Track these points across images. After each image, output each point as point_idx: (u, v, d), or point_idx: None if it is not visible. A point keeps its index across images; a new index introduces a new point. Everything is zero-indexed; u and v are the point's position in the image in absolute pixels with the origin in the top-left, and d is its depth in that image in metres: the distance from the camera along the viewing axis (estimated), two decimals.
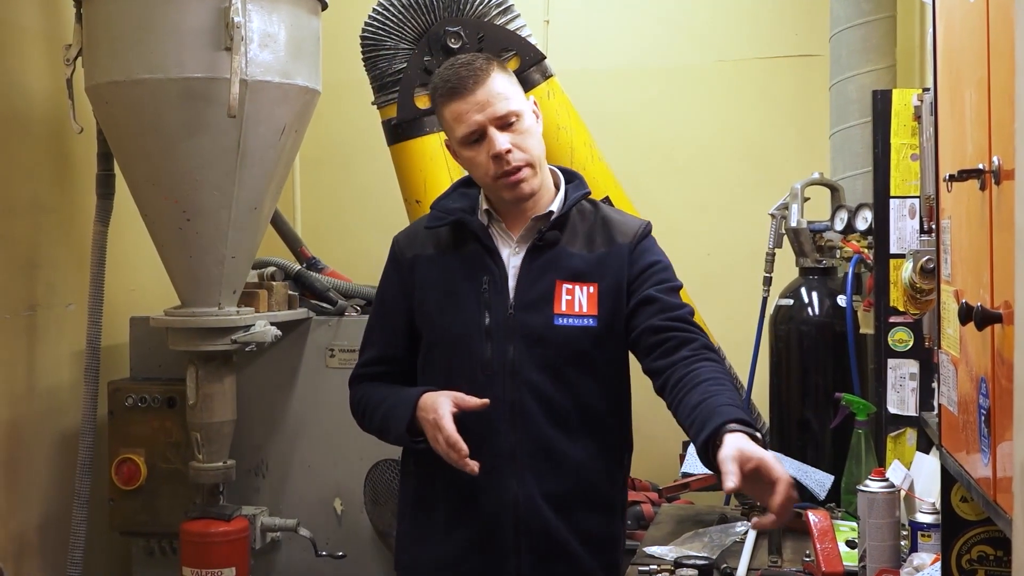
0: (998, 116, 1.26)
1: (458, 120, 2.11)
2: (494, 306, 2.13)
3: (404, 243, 2.27)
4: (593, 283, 2.15)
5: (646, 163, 4.29)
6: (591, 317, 2.13)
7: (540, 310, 2.12)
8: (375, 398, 2.24)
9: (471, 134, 2.10)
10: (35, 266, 3.42)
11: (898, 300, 2.60)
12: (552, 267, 2.15)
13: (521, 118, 2.12)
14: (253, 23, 2.99)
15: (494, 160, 2.08)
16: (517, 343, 2.12)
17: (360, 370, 2.31)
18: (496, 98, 2.09)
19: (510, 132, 2.10)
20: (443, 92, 2.12)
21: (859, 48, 3.49)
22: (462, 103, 2.09)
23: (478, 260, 2.16)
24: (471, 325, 2.13)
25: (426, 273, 2.20)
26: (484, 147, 2.09)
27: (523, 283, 2.14)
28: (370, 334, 2.32)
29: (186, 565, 3.18)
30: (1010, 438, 1.14)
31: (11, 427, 3.28)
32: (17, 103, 3.35)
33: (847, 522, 2.64)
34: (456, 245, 2.20)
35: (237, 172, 3.06)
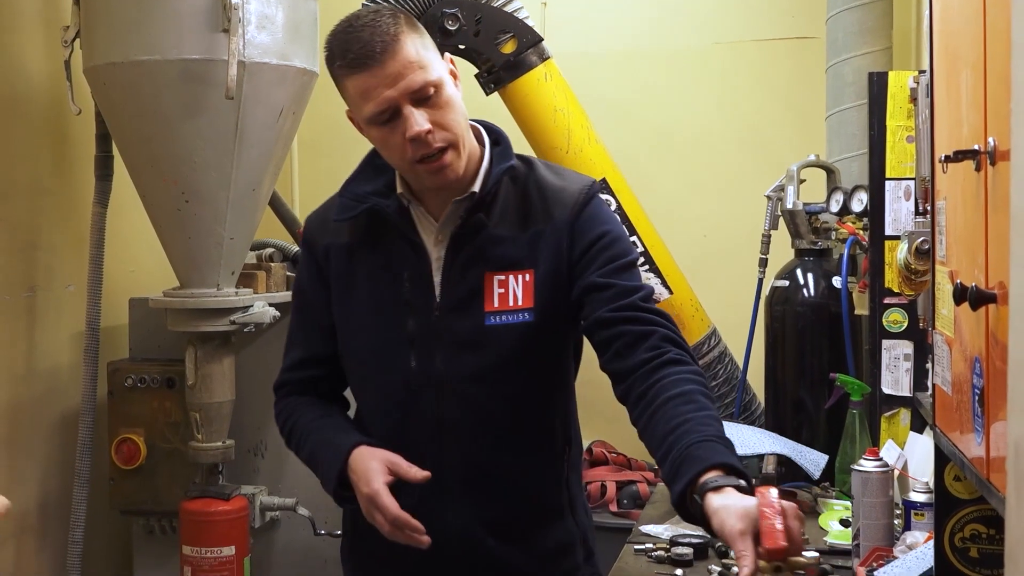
0: (994, 97, 1.26)
1: (365, 96, 1.74)
2: (417, 308, 1.84)
3: (316, 228, 1.95)
4: (528, 270, 1.83)
5: (643, 145, 4.29)
6: (526, 311, 1.82)
7: (469, 310, 1.82)
8: (302, 423, 1.94)
9: (381, 113, 1.74)
10: (34, 248, 3.42)
11: (893, 281, 2.60)
12: (480, 257, 1.83)
13: (441, 89, 1.76)
14: (251, 5, 2.97)
15: (411, 143, 1.73)
16: (444, 350, 1.83)
17: (285, 376, 2.00)
18: (410, 68, 1.72)
19: (428, 108, 1.74)
20: (344, 63, 1.74)
21: (855, 30, 3.48)
22: (369, 76, 1.72)
23: (397, 252, 1.85)
24: (392, 331, 1.84)
25: (339, 267, 1.89)
26: (399, 127, 1.74)
27: (448, 278, 1.83)
28: (293, 333, 2.00)
29: (186, 544, 3.19)
30: (1004, 418, 1.14)
31: (11, 408, 3.28)
32: (15, 85, 3.34)
33: (841, 501, 2.65)
34: (372, 234, 1.87)
35: (235, 154, 3.05)
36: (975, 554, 1.68)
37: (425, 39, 1.79)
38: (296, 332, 2.00)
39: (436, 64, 1.78)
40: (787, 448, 2.78)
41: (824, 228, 3.13)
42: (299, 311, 2.00)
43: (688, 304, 3.63)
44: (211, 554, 3.16)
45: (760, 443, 2.78)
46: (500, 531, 1.87)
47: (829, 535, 2.45)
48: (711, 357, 3.63)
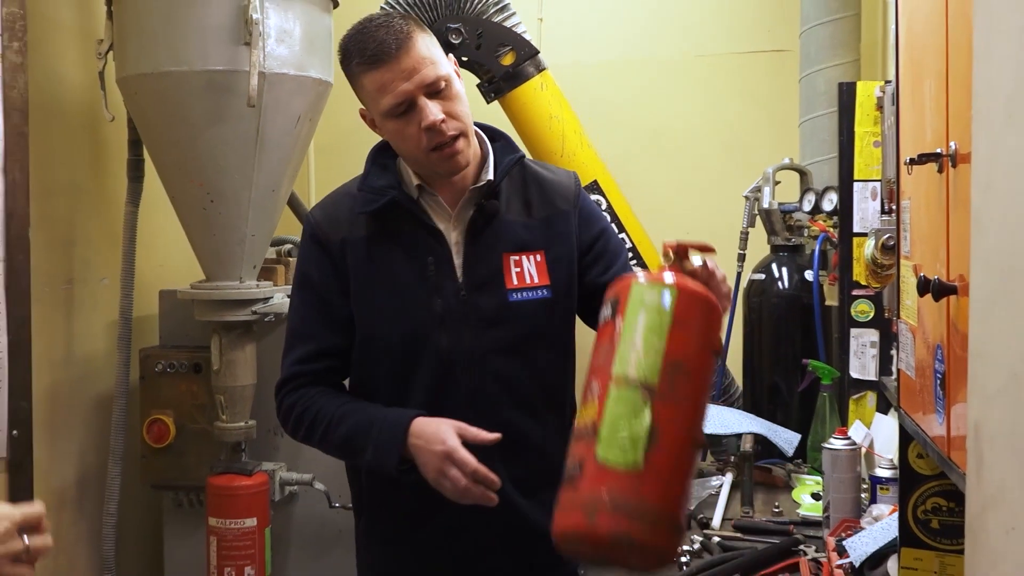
0: (955, 104, 1.26)
1: (382, 90, 1.74)
2: (443, 289, 1.82)
3: (326, 224, 1.88)
4: (539, 251, 1.86)
5: (632, 149, 4.28)
6: (544, 288, 1.84)
7: (492, 288, 1.83)
8: (328, 409, 1.85)
9: (398, 105, 1.74)
10: (72, 244, 3.41)
11: (861, 275, 2.60)
12: (497, 240, 1.84)
13: (450, 82, 1.78)
14: (270, 20, 2.97)
15: (427, 132, 1.74)
16: (472, 327, 1.82)
17: (296, 368, 1.90)
18: (423, 63, 1.74)
19: (440, 99, 1.76)
20: (362, 60, 1.75)
21: (827, 44, 3.48)
22: (386, 71, 1.73)
23: (418, 240, 1.83)
24: (423, 313, 1.81)
25: (359, 259, 1.84)
26: (414, 118, 1.75)
27: (470, 261, 1.83)
28: (302, 327, 1.91)
29: (212, 516, 3.19)
30: (963, 400, 1.14)
31: (51, 391, 3.27)
32: (55, 94, 3.33)
33: (812, 476, 2.65)
34: (389, 226, 1.85)
35: (256, 157, 3.04)
36: (936, 525, 1.68)
37: (432, 38, 1.80)
38: (305, 326, 1.91)
39: (444, 60, 1.79)
40: (763, 428, 2.78)
41: (797, 226, 3.13)
42: (307, 306, 1.90)
43: None
44: (235, 525, 3.16)
45: (739, 423, 2.77)
46: (526, 489, 1.86)
47: (801, 508, 2.45)
48: None
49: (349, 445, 1.83)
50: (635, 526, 1.36)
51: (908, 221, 1.59)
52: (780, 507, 2.44)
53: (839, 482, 2.14)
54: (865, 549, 1.86)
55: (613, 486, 1.37)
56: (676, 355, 1.43)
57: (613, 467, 1.38)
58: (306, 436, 1.90)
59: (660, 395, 1.40)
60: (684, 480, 1.44)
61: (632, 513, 1.36)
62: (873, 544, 1.86)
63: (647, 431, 1.39)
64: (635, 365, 1.43)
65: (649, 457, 1.38)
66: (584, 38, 4.42)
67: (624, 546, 1.37)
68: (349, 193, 1.91)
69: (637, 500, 1.36)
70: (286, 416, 1.93)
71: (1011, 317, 0.89)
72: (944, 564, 1.67)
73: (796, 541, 2.13)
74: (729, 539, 2.22)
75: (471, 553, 1.88)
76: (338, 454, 1.93)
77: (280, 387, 1.93)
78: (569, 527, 1.40)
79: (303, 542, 3.52)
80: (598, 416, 1.42)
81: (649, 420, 1.39)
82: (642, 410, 1.40)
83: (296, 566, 3.51)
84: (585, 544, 1.40)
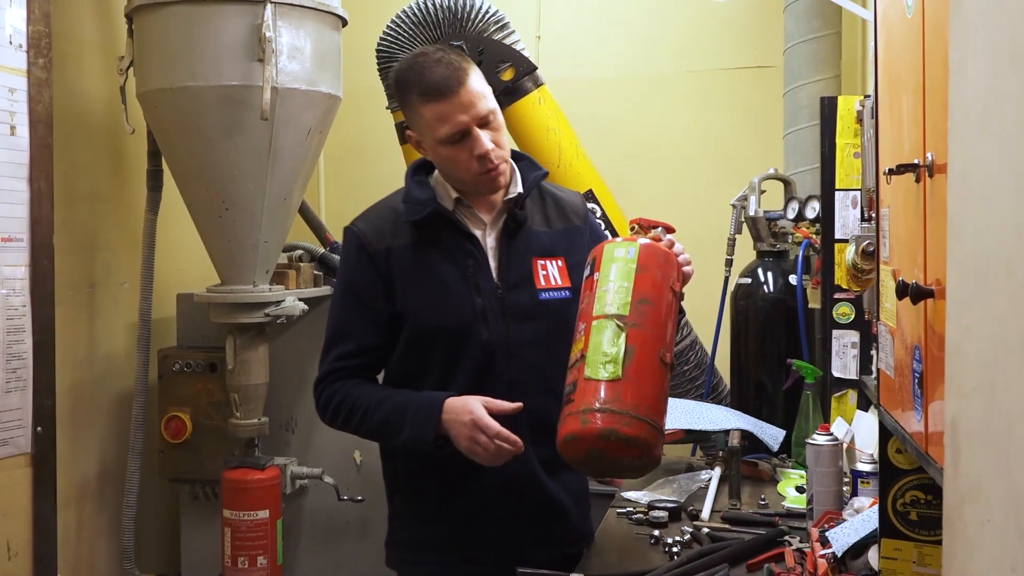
0: (932, 117, 1.25)
1: (442, 120, 1.86)
2: (482, 288, 1.94)
3: (371, 234, 1.97)
4: (560, 257, 2.00)
5: (625, 160, 4.28)
6: (566, 289, 1.98)
7: (524, 287, 1.96)
8: (366, 397, 1.94)
9: (455, 134, 1.87)
10: (94, 249, 3.41)
11: (842, 279, 2.60)
12: (527, 246, 1.98)
13: (496, 115, 1.91)
14: (283, 38, 2.97)
15: (478, 159, 1.88)
16: (510, 321, 1.94)
17: (336, 364, 1.99)
18: (478, 98, 1.87)
19: (489, 130, 1.89)
20: (424, 92, 1.86)
21: (809, 60, 3.48)
22: (447, 104, 1.85)
23: (457, 246, 1.95)
24: (466, 309, 1.92)
25: (405, 264, 1.94)
26: (466, 146, 1.88)
27: (504, 263, 1.96)
28: (342, 327, 2.00)
29: (226, 508, 3.18)
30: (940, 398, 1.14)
31: (74, 389, 3.27)
32: (78, 107, 3.33)
33: (796, 471, 2.64)
34: (431, 233, 1.95)
35: (269, 168, 3.04)
36: (915, 517, 1.67)
37: (480, 73, 1.93)
38: (346, 327, 1.99)
39: (491, 94, 1.92)
40: (750, 424, 2.77)
41: (782, 232, 3.13)
42: (349, 309, 1.99)
43: None
44: (248, 517, 3.16)
45: (726, 420, 2.77)
46: (551, 469, 1.96)
47: (786, 500, 2.45)
48: (684, 345, 3.63)
49: (386, 427, 1.92)
50: (620, 420, 1.65)
51: (887, 228, 1.59)
52: (766, 500, 2.44)
53: (822, 476, 2.14)
54: (847, 540, 1.86)
55: (600, 394, 1.67)
56: (642, 293, 1.75)
57: (599, 380, 1.68)
58: (344, 422, 1.98)
59: (631, 323, 1.71)
60: (658, 389, 1.72)
61: (617, 411, 1.65)
62: (855, 535, 1.86)
63: (623, 350, 1.69)
64: (610, 303, 1.74)
65: (627, 370, 1.68)
66: (580, 55, 4.42)
67: (613, 440, 1.65)
68: (390, 207, 2.01)
69: (619, 401, 1.66)
70: (325, 406, 2.00)
71: (986, 319, 0.89)
72: (923, 554, 1.67)
73: (781, 532, 2.12)
74: (718, 530, 2.21)
75: (500, 528, 1.97)
76: (375, 437, 2.01)
77: (320, 381, 2.01)
78: (569, 432, 1.68)
79: (313, 533, 3.52)
80: (584, 346, 1.72)
81: (624, 342, 1.70)
82: (618, 335, 1.71)
83: (306, 556, 3.51)
84: (582, 444, 1.67)
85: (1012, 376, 0.81)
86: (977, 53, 0.92)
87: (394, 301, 1.95)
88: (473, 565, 1.99)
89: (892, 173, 1.36)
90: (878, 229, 1.66)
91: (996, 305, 0.86)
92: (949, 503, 1.01)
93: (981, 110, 0.91)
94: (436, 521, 2.00)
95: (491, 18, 3.46)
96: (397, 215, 1.98)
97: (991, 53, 0.87)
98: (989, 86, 0.88)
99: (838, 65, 3.52)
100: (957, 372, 0.99)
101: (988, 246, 0.88)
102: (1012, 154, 0.82)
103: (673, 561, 1.98)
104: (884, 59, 1.62)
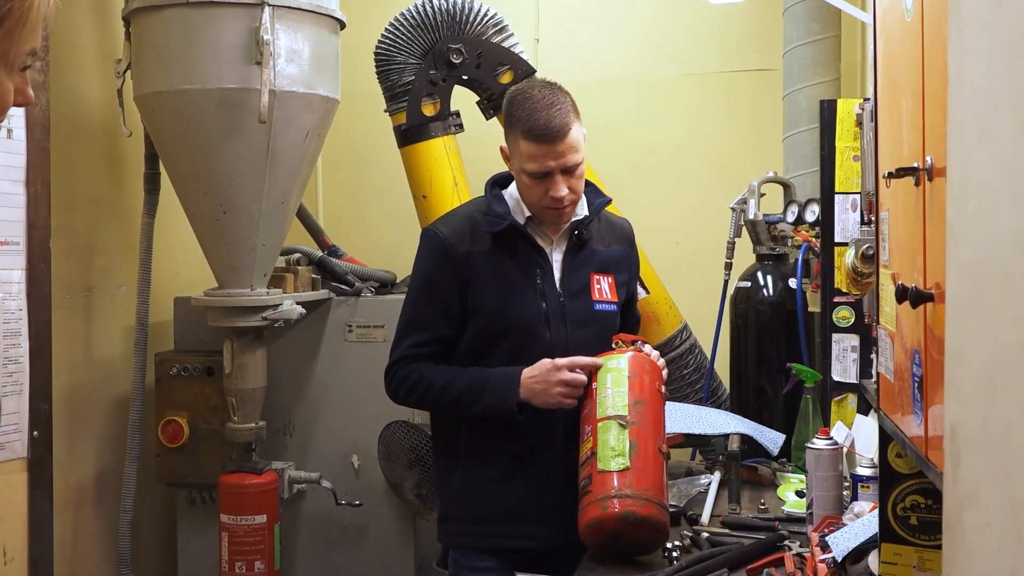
0: (931, 121, 1.26)
1: (533, 159, 2.09)
2: (547, 295, 2.17)
3: (453, 238, 2.18)
4: (611, 275, 2.26)
5: (625, 164, 4.28)
6: (614, 303, 2.24)
7: (583, 298, 2.20)
8: (443, 375, 2.16)
9: (539, 172, 2.10)
10: (91, 253, 3.41)
11: (842, 282, 2.60)
12: (587, 262, 2.23)
13: (581, 165, 2.14)
14: (280, 41, 2.97)
15: (552, 199, 2.11)
16: (569, 326, 2.18)
17: (411, 351, 2.19)
18: (570, 150, 2.10)
19: (572, 178, 2.12)
20: (528, 132, 2.09)
21: (808, 63, 3.48)
22: (543, 148, 2.08)
23: (529, 257, 2.19)
24: (532, 312, 2.16)
25: (483, 267, 2.16)
26: (544, 184, 2.11)
27: (566, 276, 2.20)
28: (418, 318, 2.21)
29: (223, 512, 3.19)
30: (940, 402, 1.14)
31: (71, 393, 3.27)
32: (76, 111, 3.34)
33: (796, 475, 2.64)
34: (505, 243, 2.18)
35: (267, 171, 3.05)
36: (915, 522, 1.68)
37: (580, 122, 2.16)
38: (421, 318, 2.20)
39: (583, 145, 2.15)
40: (749, 428, 2.77)
41: (781, 236, 3.13)
42: (425, 302, 2.20)
43: (663, 302, 3.63)
44: (245, 521, 3.16)
45: (726, 424, 2.77)
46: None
47: (786, 504, 2.45)
48: (683, 348, 3.63)
49: (467, 397, 2.13)
50: (635, 503, 1.94)
51: (887, 232, 1.59)
52: (766, 504, 2.44)
53: (822, 480, 2.14)
54: (847, 544, 1.86)
55: (614, 483, 1.97)
56: (636, 395, 2.06)
57: (612, 471, 1.98)
58: (420, 396, 2.19)
59: (632, 421, 2.02)
60: (661, 474, 2.03)
61: (631, 495, 1.95)
62: (855, 539, 1.86)
63: (629, 444, 2.00)
64: (611, 407, 2.05)
65: (634, 461, 1.98)
66: (578, 58, 4.43)
67: (631, 521, 1.94)
68: (468, 215, 2.24)
69: (632, 487, 1.96)
70: (400, 384, 2.20)
71: (985, 323, 0.89)
72: (923, 559, 1.67)
73: (781, 537, 2.12)
74: (717, 535, 2.21)
75: (551, 507, 2.15)
76: (453, 406, 2.18)
77: (394, 364, 2.21)
78: (592, 518, 1.97)
79: (311, 538, 3.52)
80: (594, 444, 2.03)
81: (628, 437, 2.01)
82: (623, 432, 2.01)
83: (304, 561, 3.51)
84: (605, 527, 1.96)
85: (1010, 381, 0.82)
86: (975, 58, 0.93)
87: (466, 300, 2.16)
88: (522, 539, 2.18)
89: (891, 176, 1.37)
90: (878, 233, 1.66)
91: (994, 310, 0.86)
92: (949, 508, 1.01)
93: (979, 115, 0.91)
94: (494, 496, 2.18)
95: (490, 21, 3.46)
96: (475, 223, 2.20)
97: (988, 59, 0.88)
98: (986, 91, 0.89)
99: (838, 68, 3.52)
100: (956, 376, 0.99)
101: (986, 250, 0.88)
102: (1009, 159, 0.82)
103: (672, 566, 1.98)
104: (883, 62, 1.63)
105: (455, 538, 2.27)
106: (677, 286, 3.79)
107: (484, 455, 2.20)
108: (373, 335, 3.46)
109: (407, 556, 3.48)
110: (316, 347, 3.52)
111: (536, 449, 2.16)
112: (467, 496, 2.22)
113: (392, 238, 4.22)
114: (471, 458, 2.22)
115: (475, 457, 2.21)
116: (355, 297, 3.53)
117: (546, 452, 2.16)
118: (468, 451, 2.22)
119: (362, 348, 3.46)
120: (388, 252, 3.99)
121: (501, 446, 2.17)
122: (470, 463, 2.22)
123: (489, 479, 2.19)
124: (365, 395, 3.38)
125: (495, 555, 2.20)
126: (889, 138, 1.57)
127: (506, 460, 2.18)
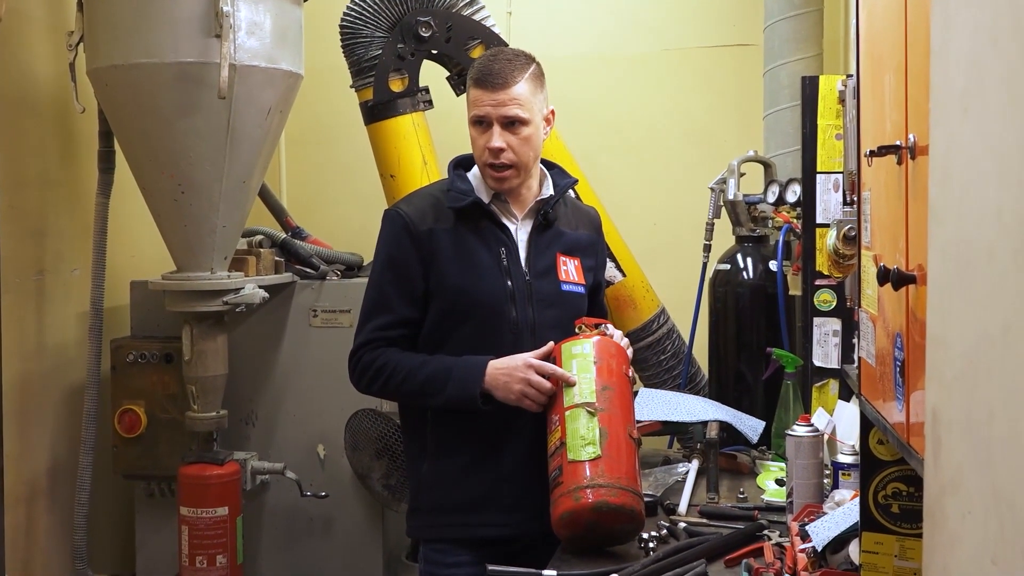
0: (914, 97, 1.26)
1: (473, 104, 2.16)
2: (513, 274, 2.20)
3: (415, 216, 2.20)
4: (576, 258, 2.29)
5: (600, 142, 4.28)
6: (581, 285, 2.28)
7: (549, 278, 2.23)
8: (407, 360, 2.17)
9: (478, 119, 2.16)
10: (43, 235, 3.38)
11: (823, 265, 2.61)
12: (553, 243, 2.26)
13: (525, 125, 2.16)
14: (241, 12, 2.94)
15: (489, 151, 2.15)
16: (536, 305, 2.20)
17: (376, 334, 2.20)
18: (512, 102, 2.14)
19: (510, 132, 2.15)
20: (473, 75, 2.18)
21: (790, 38, 3.49)
22: (482, 93, 2.14)
23: (492, 234, 2.21)
24: (498, 290, 2.18)
25: (447, 244, 2.18)
26: (485, 135, 2.16)
27: (532, 255, 2.23)
28: (382, 300, 2.21)
29: (183, 505, 3.17)
30: (922, 387, 1.15)
31: (22, 381, 3.24)
32: (25, 86, 3.30)
33: (776, 463, 2.66)
34: (469, 221, 2.20)
35: (227, 149, 3.02)
36: (896, 510, 1.69)
37: (537, 88, 2.20)
38: (384, 300, 2.21)
39: (532, 108, 2.17)
40: (729, 415, 2.79)
41: (762, 217, 3.14)
42: (389, 283, 2.21)
43: (640, 286, 3.63)
44: (206, 514, 3.15)
45: (704, 411, 2.79)
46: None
47: (766, 493, 2.47)
48: (660, 333, 3.64)
49: (429, 386, 2.15)
50: (608, 492, 1.95)
51: (868, 212, 1.60)
52: (745, 493, 2.46)
53: (802, 468, 2.15)
54: (827, 533, 1.87)
55: (586, 473, 1.97)
56: (603, 381, 2.07)
57: (583, 461, 1.98)
58: (384, 384, 2.19)
59: (600, 408, 2.03)
60: (632, 461, 2.03)
61: (603, 484, 1.96)
62: (835, 528, 1.88)
63: (599, 432, 2.00)
64: (579, 394, 2.05)
65: (605, 448, 1.99)
66: (553, 32, 4.42)
67: (605, 511, 1.95)
68: (431, 194, 2.27)
69: (604, 476, 1.96)
70: (364, 370, 2.20)
71: (967, 306, 0.90)
72: (904, 548, 1.69)
73: (760, 526, 2.14)
74: (695, 525, 2.22)
75: (521, 494, 2.17)
76: (416, 397, 2.20)
77: (358, 348, 2.21)
78: (565, 510, 1.97)
79: (275, 531, 3.51)
80: (562, 434, 2.03)
81: (598, 424, 2.01)
82: (592, 420, 2.02)
83: (268, 554, 3.50)
84: (578, 519, 1.96)
85: (993, 365, 0.82)
86: (959, 32, 0.93)
87: (429, 279, 2.18)
88: (496, 528, 2.20)
89: (873, 155, 1.37)
90: (859, 213, 1.67)
91: (978, 292, 0.87)
92: (930, 495, 1.02)
93: (962, 91, 0.91)
94: (463, 485, 2.20)
95: None
96: (438, 201, 2.23)
97: (973, 32, 0.88)
98: (971, 66, 0.89)
99: (820, 43, 3.53)
100: (938, 361, 1.00)
101: (970, 231, 0.89)
102: (995, 136, 0.83)
103: (649, 557, 1.99)
104: (866, 37, 1.63)
105: (426, 531, 2.27)
106: (654, 269, 3.79)
107: (452, 443, 2.21)
108: (339, 320, 3.45)
109: (375, 549, 3.48)
110: (280, 333, 3.50)
111: (505, 435, 2.17)
112: (437, 486, 2.23)
113: (358, 219, 4.19)
114: (439, 447, 2.22)
115: (443, 446, 2.22)
116: (320, 281, 3.51)
117: (516, 437, 2.17)
118: (436, 440, 2.23)
119: (327, 334, 3.45)
120: (354, 234, 3.97)
121: (469, 434, 2.19)
122: (439, 452, 2.22)
123: (458, 467, 2.20)
124: (331, 382, 3.37)
125: (469, 548, 2.20)
126: (871, 116, 1.57)
127: (475, 447, 2.19)
